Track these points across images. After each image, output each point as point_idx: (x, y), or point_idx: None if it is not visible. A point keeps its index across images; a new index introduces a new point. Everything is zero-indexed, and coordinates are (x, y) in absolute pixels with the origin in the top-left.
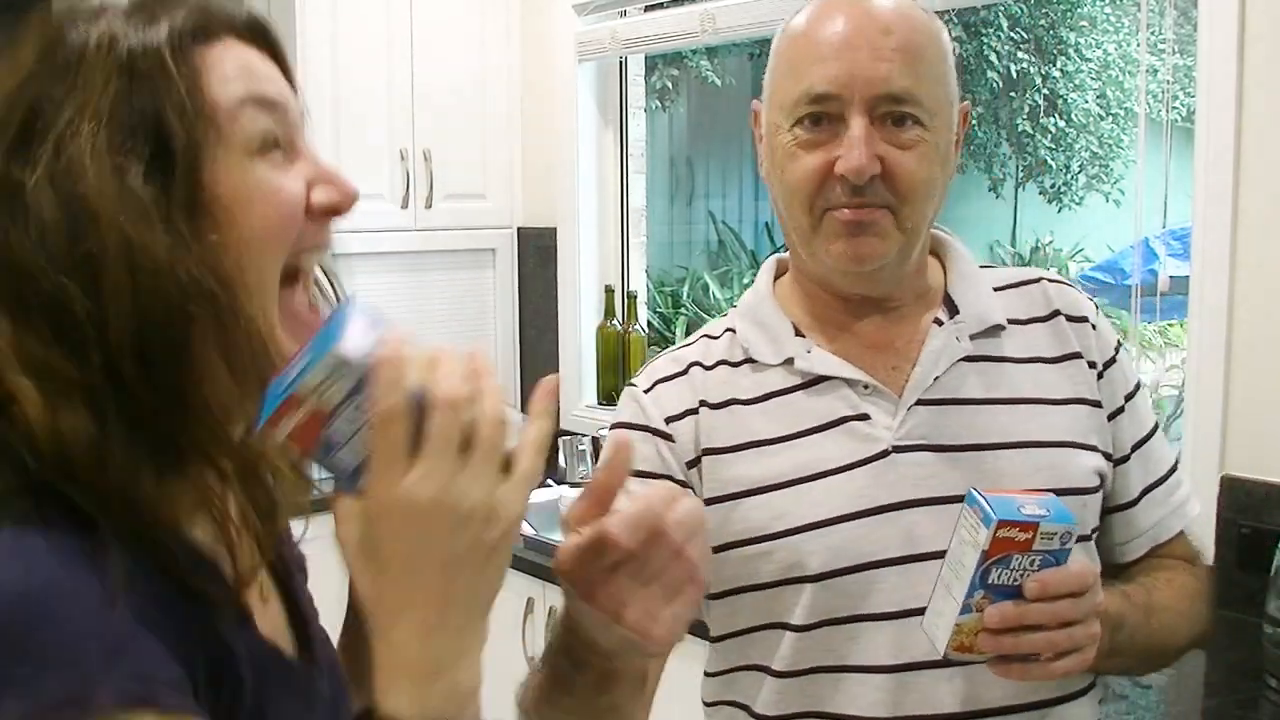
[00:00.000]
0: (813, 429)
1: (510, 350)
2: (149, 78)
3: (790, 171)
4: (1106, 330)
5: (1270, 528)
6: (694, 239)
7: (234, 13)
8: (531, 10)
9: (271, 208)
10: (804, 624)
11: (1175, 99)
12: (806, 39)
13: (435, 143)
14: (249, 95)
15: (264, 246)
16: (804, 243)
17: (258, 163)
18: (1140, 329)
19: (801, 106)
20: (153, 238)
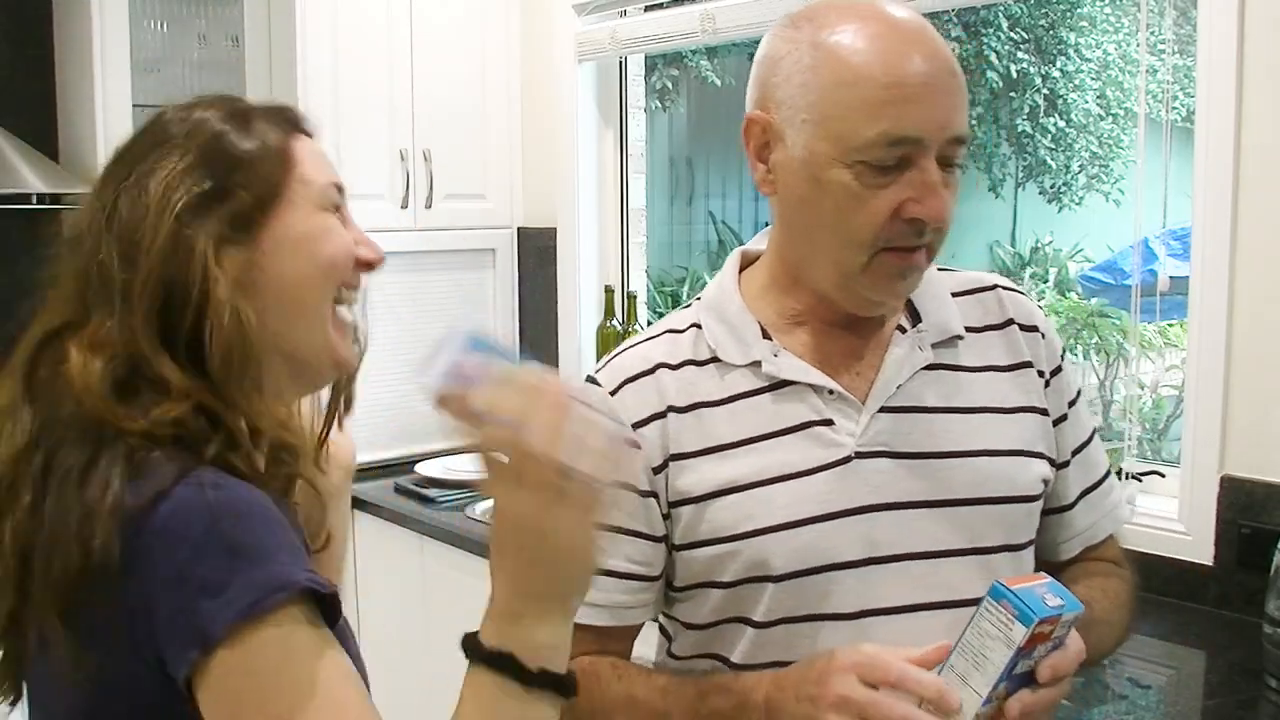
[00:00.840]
0: (777, 432)
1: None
2: (254, 156)
3: (853, 214)
4: (1054, 339)
5: (1270, 528)
6: (694, 239)
7: (303, 116)
8: (531, 10)
9: (335, 245)
10: (764, 620)
11: (1175, 99)
12: (873, 71)
13: (435, 143)
14: (331, 180)
15: (327, 274)
16: (845, 275)
17: (328, 214)
18: (1140, 329)
19: (878, 149)
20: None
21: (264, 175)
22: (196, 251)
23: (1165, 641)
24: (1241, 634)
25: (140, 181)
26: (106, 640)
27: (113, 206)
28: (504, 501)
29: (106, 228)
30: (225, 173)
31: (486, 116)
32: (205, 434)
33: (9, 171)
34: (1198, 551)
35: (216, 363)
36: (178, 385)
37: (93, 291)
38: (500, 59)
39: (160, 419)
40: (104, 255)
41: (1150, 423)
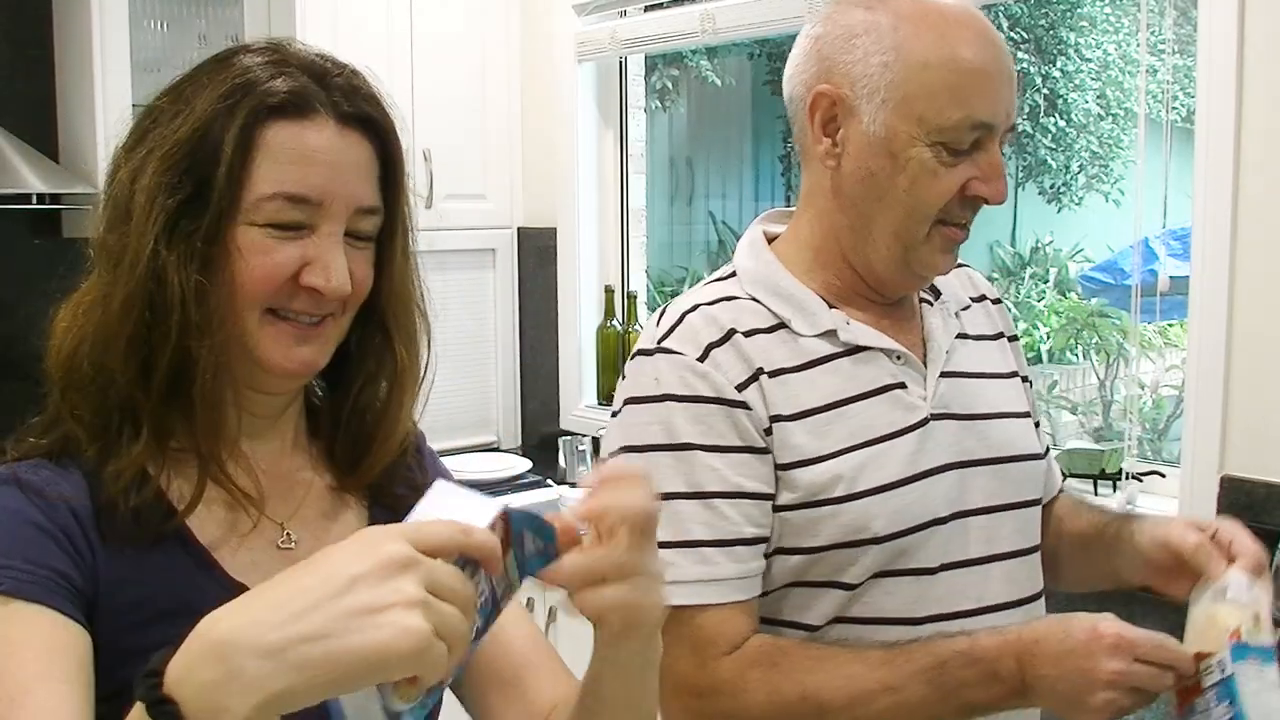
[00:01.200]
0: (859, 395)
1: (510, 350)
2: (216, 139)
3: (929, 188)
4: (1005, 313)
5: (1270, 528)
6: (694, 239)
7: (343, 102)
8: (531, 10)
9: (253, 268)
10: (855, 582)
11: (1175, 99)
12: (958, 59)
13: (435, 143)
14: (282, 191)
15: (244, 293)
16: (904, 249)
17: (267, 233)
18: (1140, 329)
19: (960, 132)
20: (151, 254)
21: (222, 188)
22: (171, 284)
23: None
24: None
25: (143, 160)
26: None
27: (117, 173)
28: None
29: (109, 196)
30: (203, 179)
31: (486, 117)
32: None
33: (9, 171)
34: None
35: (167, 373)
36: (121, 386)
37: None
38: (500, 59)
39: (78, 416)
40: (103, 226)
41: (1150, 423)
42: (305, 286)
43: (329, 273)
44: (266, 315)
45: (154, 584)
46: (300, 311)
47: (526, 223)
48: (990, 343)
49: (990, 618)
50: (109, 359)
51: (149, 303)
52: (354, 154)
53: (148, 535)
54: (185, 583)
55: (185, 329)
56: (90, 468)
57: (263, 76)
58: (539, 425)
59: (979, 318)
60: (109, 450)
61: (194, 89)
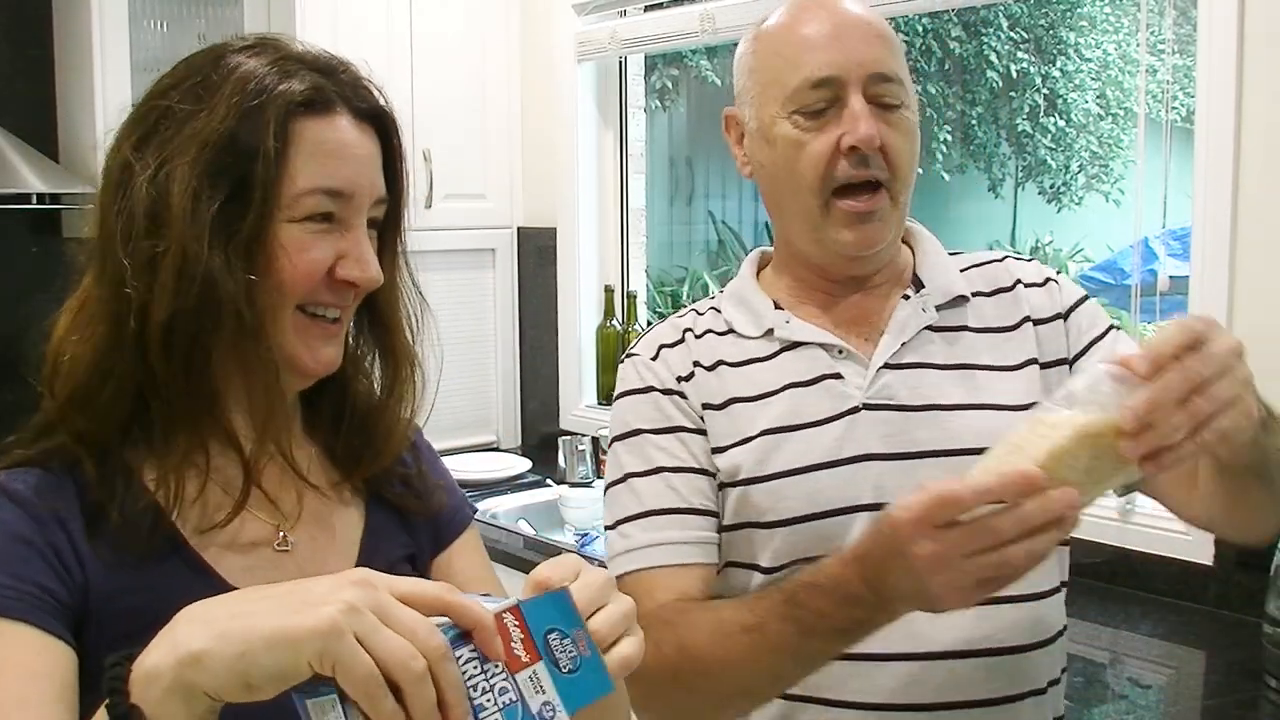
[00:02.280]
0: (792, 384)
1: (510, 350)
2: (251, 139)
3: (798, 158)
4: (1070, 286)
5: None
6: (694, 239)
7: (354, 98)
8: (531, 10)
9: (296, 264)
10: (770, 565)
11: (1175, 99)
12: (793, 34)
13: (435, 143)
14: (320, 186)
15: (283, 290)
16: (811, 229)
17: (305, 229)
18: (1140, 329)
19: (804, 93)
20: (205, 258)
21: (264, 186)
22: (224, 286)
23: (1165, 641)
24: (1241, 634)
25: (165, 161)
26: None
27: (131, 175)
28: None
29: (126, 199)
30: (240, 179)
31: (486, 116)
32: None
33: (9, 171)
34: (1198, 551)
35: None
36: (135, 396)
37: (99, 253)
38: (500, 59)
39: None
40: (130, 232)
41: None
42: (340, 280)
43: (364, 264)
44: (297, 313)
45: (150, 594)
46: (329, 306)
47: (526, 223)
48: (1004, 334)
49: (934, 615)
50: (141, 373)
51: (200, 310)
52: (370, 146)
53: (144, 544)
54: (182, 590)
55: (240, 334)
56: (86, 478)
57: (276, 75)
58: (539, 425)
59: (998, 308)
60: (109, 459)
61: (204, 88)
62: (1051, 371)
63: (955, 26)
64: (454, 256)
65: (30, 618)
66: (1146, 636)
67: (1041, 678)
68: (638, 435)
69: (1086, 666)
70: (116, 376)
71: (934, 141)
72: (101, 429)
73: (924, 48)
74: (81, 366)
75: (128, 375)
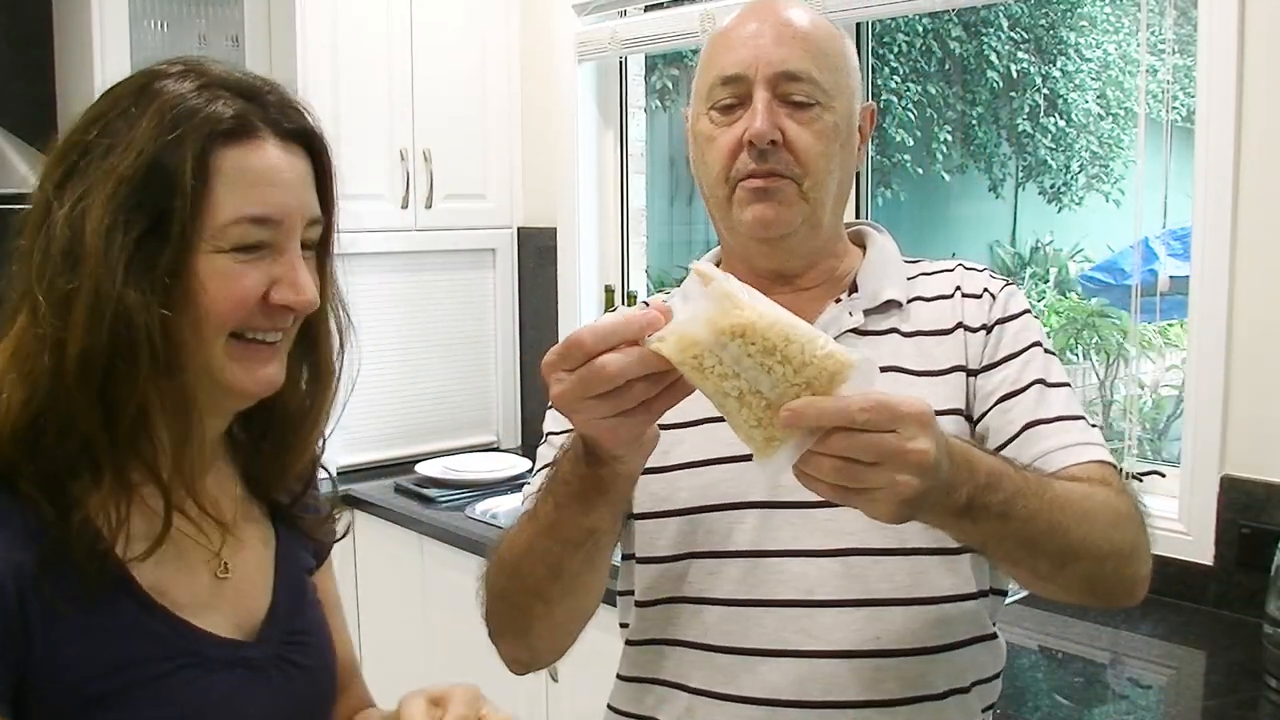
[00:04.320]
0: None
1: (510, 350)
2: (168, 172)
3: (708, 151)
4: (1008, 301)
5: (1270, 528)
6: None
7: (281, 120)
8: (531, 10)
9: (226, 294)
10: (666, 556)
11: (1175, 99)
12: (722, 36)
13: (435, 143)
14: (246, 215)
15: (212, 321)
16: (723, 216)
17: (233, 258)
18: (1140, 329)
19: (715, 90)
20: (118, 294)
21: (184, 219)
22: (137, 324)
23: (1165, 641)
24: (1241, 634)
25: (82, 198)
26: None
27: (50, 213)
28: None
29: (44, 237)
30: (159, 213)
31: (486, 116)
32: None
33: (9, 171)
34: (1198, 551)
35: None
36: (78, 435)
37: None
38: (500, 59)
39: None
40: (46, 270)
41: (1150, 423)
42: (275, 305)
43: (299, 288)
44: (231, 340)
45: (101, 637)
46: (265, 330)
47: (526, 222)
48: (937, 338)
49: (822, 612)
50: (67, 408)
51: (113, 345)
52: (300, 167)
53: (95, 588)
54: (134, 630)
55: (154, 368)
56: (42, 519)
57: (199, 102)
58: (539, 425)
59: (935, 314)
60: (57, 502)
61: (123, 121)
62: (977, 379)
63: (955, 26)
64: (454, 256)
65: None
66: (1146, 636)
67: (938, 684)
68: None
69: (1086, 666)
70: (57, 415)
71: (934, 141)
72: (50, 468)
73: (924, 48)
74: (18, 405)
75: (71, 417)
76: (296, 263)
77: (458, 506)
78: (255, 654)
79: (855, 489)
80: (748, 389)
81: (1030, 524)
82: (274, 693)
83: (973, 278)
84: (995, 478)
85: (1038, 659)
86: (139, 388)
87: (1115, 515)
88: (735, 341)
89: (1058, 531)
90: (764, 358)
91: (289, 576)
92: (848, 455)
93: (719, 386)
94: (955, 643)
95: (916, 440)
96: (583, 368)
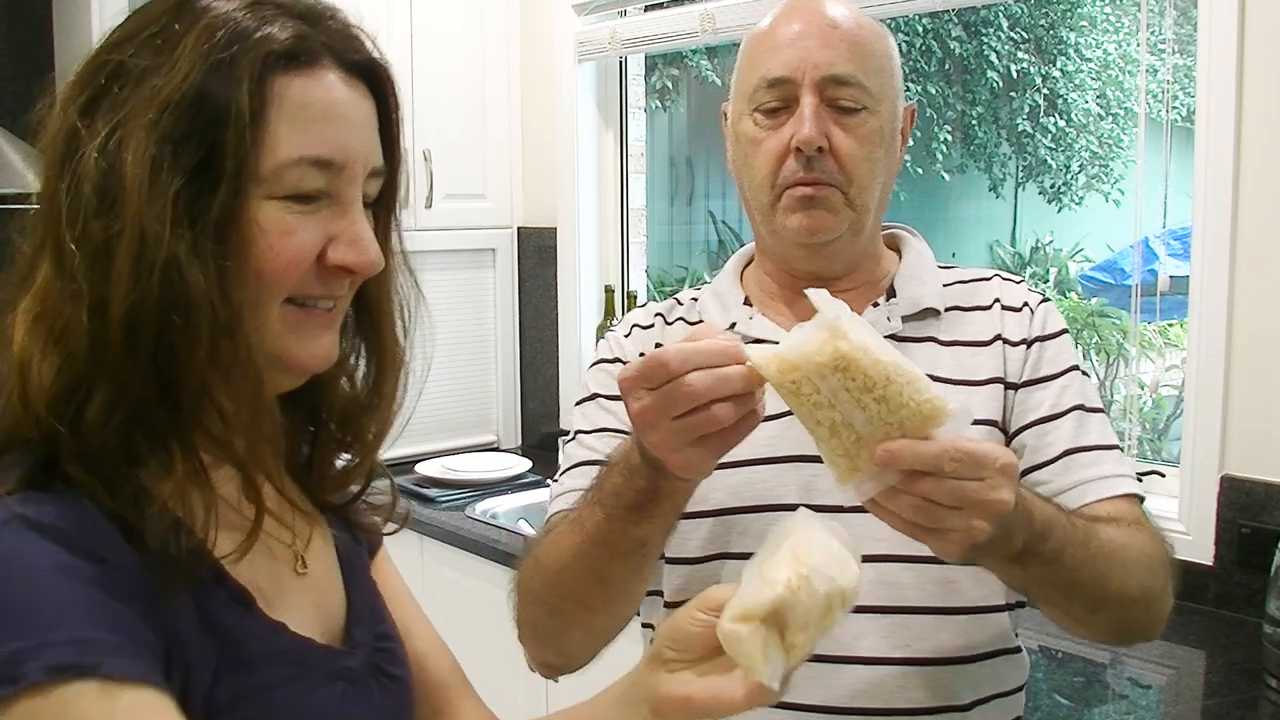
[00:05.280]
0: None
1: (510, 350)
2: (221, 98)
3: (753, 155)
4: (1047, 317)
5: (1270, 528)
6: (694, 239)
7: (344, 49)
8: (531, 10)
9: (278, 251)
10: (696, 556)
11: (1175, 99)
12: (765, 35)
13: (435, 143)
14: (305, 156)
15: (264, 280)
16: (765, 220)
17: (287, 208)
18: (1140, 329)
19: (760, 93)
20: (168, 240)
21: (237, 155)
22: (191, 276)
23: (1165, 641)
24: (1241, 634)
25: (118, 126)
26: None
27: (78, 145)
28: None
29: (71, 174)
30: (209, 147)
31: (486, 116)
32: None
33: (9, 171)
34: (1198, 551)
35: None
36: (138, 405)
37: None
38: (500, 59)
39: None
40: (77, 212)
41: (1150, 423)
42: (333, 265)
43: (360, 246)
44: (286, 306)
45: (208, 633)
46: (322, 297)
47: (526, 222)
48: (974, 349)
49: (850, 618)
50: (114, 378)
51: (166, 302)
52: (364, 107)
53: (187, 574)
54: (234, 625)
55: (215, 329)
56: (101, 503)
57: (252, 22)
58: (539, 425)
59: (972, 324)
60: (119, 480)
61: (162, 38)
62: (1015, 394)
63: (955, 26)
64: (454, 256)
65: (153, 679)
66: None
67: (964, 695)
68: (594, 400)
69: (1086, 666)
70: (103, 386)
71: (934, 141)
72: (98, 448)
73: (924, 48)
74: (50, 376)
75: (119, 390)
76: (359, 216)
77: (458, 506)
78: (353, 663)
79: (930, 528)
80: (840, 420)
81: (1075, 572)
82: (373, 708)
83: (1011, 290)
84: (1048, 526)
85: (1038, 659)
86: (198, 354)
87: (1149, 563)
88: (836, 375)
89: (1098, 580)
90: (861, 394)
91: (358, 575)
92: (932, 498)
93: (813, 413)
94: (982, 654)
95: (999, 490)
96: (668, 385)
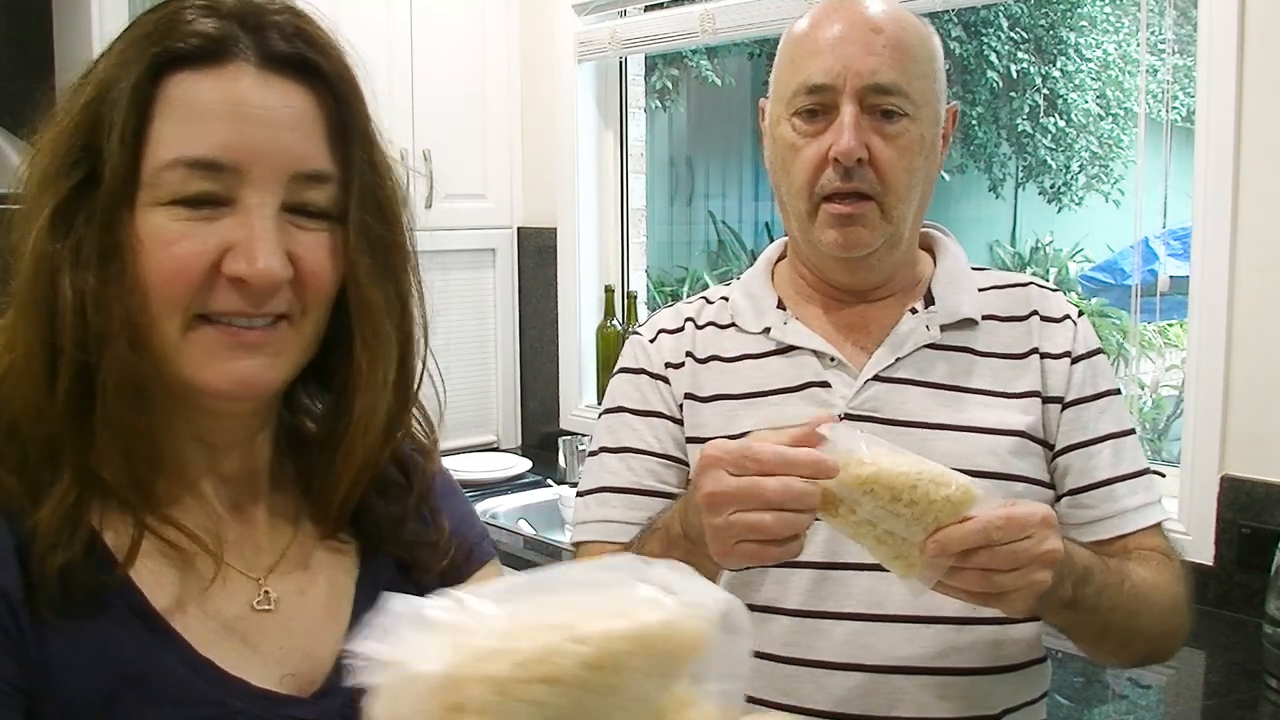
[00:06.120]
0: (778, 390)
1: (510, 350)
2: (108, 103)
3: (791, 161)
4: (1087, 332)
5: (1270, 528)
6: (694, 239)
7: (278, 44)
8: (531, 10)
9: (160, 261)
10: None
11: (1175, 99)
12: (806, 37)
13: (435, 143)
14: (182, 158)
15: (153, 294)
16: (802, 230)
17: (173, 215)
18: (1140, 329)
19: (800, 98)
20: (52, 253)
21: (115, 160)
22: (61, 288)
23: None
24: (1241, 634)
25: (36, 146)
26: None
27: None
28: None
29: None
30: (95, 155)
31: (486, 116)
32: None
33: (9, 171)
34: (1198, 551)
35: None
36: (40, 422)
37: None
38: (500, 59)
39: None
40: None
41: (1150, 423)
42: (230, 277)
43: (252, 256)
44: (195, 321)
45: (103, 662)
46: (231, 313)
47: (526, 223)
48: (1011, 360)
49: (889, 627)
50: (23, 390)
51: (48, 314)
52: (288, 105)
53: (83, 600)
54: (141, 657)
55: (83, 342)
56: (25, 529)
57: (182, 21)
58: (539, 425)
59: (1009, 334)
60: (36, 504)
61: (108, 50)
62: (1052, 407)
63: (955, 26)
64: (454, 256)
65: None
66: None
67: (995, 704)
68: (620, 413)
69: (1086, 666)
70: (22, 404)
71: None
72: (25, 469)
73: None
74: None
75: (30, 400)
76: (257, 222)
77: None
78: (307, 715)
79: (997, 594)
80: (883, 531)
81: (1111, 614)
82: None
83: (1049, 300)
84: (1088, 571)
85: None
86: (71, 365)
87: (1175, 602)
88: (867, 497)
89: (1131, 620)
90: (891, 504)
91: (366, 617)
92: (990, 566)
93: (857, 530)
94: (1014, 664)
95: (1048, 541)
96: (746, 479)
